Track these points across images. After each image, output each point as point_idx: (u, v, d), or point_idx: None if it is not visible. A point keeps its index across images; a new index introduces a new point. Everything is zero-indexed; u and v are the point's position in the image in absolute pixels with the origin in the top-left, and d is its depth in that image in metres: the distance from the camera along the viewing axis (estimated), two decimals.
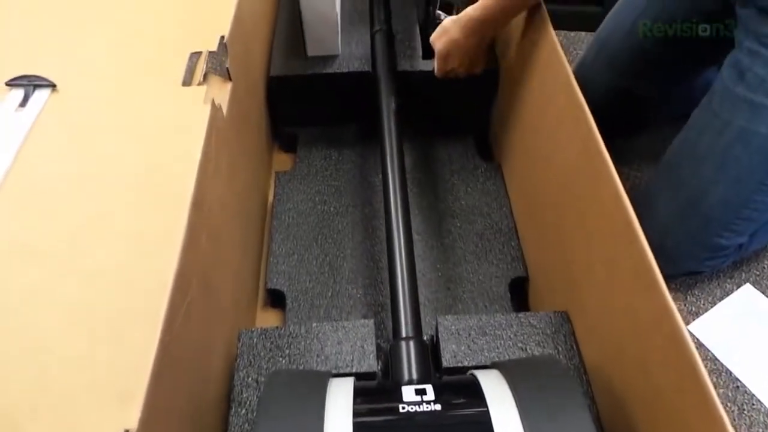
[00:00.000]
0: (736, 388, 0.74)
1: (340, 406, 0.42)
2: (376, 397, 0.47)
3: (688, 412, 0.40)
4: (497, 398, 0.42)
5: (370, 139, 0.87)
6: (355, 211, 0.82)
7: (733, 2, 0.73)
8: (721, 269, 0.84)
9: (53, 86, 0.57)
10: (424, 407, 0.42)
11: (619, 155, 0.58)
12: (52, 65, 0.60)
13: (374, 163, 0.87)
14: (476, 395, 0.43)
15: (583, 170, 0.57)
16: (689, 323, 0.81)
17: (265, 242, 0.81)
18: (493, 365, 0.49)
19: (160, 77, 0.59)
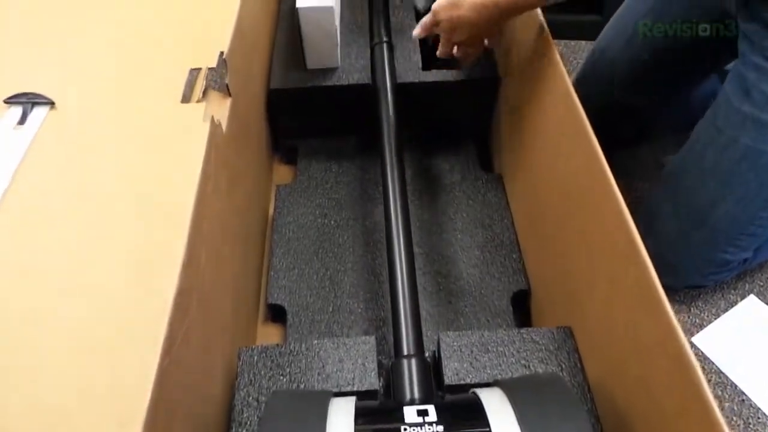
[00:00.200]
0: (741, 401, 0.74)
1: (341, 427, 0.42)
2: (377, 417, 0.46)
3: None
4: (500, 419, 0.42)
5: (370, 151, 0.87)
6: (355, 224, 0.81)
7: (735, 15, 0.72)
8: (724, 281, 0.84)
9: (52, 103, 0.57)
10: (426, 429, 0.41)
11: (619, 166, 0.58)
12: (50, 82, 0.60)
13: (375, 175, 0.87)
14: (479, 416, 0.43)
15: (584, 185, 0.57)
16: (693, 335, 0.80)
17: (265, 256, 0.80)
18: (495, 383, 0.48)
19: (159, 94, 0.59)
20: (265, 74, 0.84)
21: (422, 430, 0.41)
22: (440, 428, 0.41)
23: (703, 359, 0.78)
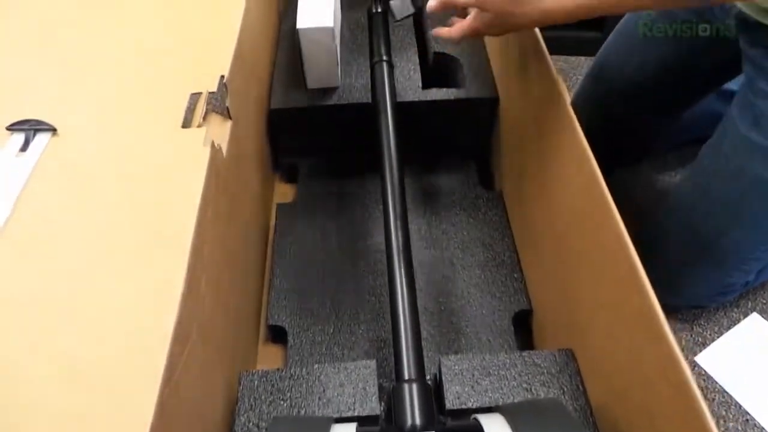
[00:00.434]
0: (746, 421, 0.73)
1: None
2: None
3: None
4: None
5: (370, 169, 0.87)
6: (356, 243, 0.81)
7: (736, 39, 0.72)
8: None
9: (54, 130, 0.57)
10: None
11: (619, 183, 0.58)
12: (52, 107, 0.60)
13: (375, 193, 0.87)
14: None
15: (584, 209, 0.57)
16: (696, 354, 0.80)
17: (266, 276, 0.80)
18: (496, 409, 0.48)
19: (159, 119, 0.59)
20: (265, 94, 0.85)
21: None
22: None
23: (706, 378, 0.77)
